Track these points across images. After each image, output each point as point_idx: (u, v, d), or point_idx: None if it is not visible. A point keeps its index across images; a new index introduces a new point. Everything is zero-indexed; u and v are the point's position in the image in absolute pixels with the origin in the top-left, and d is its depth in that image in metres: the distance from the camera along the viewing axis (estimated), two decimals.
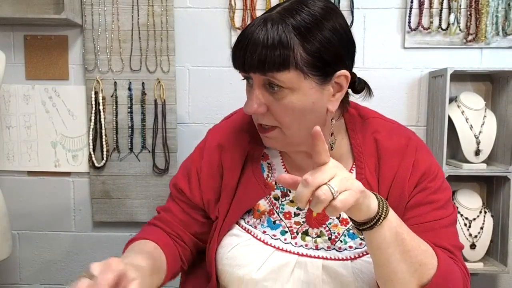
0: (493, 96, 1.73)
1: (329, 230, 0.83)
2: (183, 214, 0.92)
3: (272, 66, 0.71)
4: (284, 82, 0.72)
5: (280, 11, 0.73)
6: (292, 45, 0.70)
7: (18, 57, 1.75)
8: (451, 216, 0.82)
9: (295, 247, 0.83)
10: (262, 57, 0.71)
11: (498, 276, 1.82)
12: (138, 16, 1.70)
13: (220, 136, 0.91)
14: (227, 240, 0.85)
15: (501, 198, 1.68)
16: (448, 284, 0.74)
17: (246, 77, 0.79)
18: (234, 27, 1.71)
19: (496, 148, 1.66)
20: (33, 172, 1.80)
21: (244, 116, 0.92)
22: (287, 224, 0.85)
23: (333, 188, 0.61)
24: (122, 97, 1.73)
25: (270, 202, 0.86)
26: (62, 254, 1.85)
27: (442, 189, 0.82)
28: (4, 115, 1.78)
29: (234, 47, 0.76)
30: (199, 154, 0.92)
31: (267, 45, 0.70)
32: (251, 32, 0.72)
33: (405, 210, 0.81)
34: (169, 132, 1.74)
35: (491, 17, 1.67)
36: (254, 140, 0.88)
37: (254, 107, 0.76)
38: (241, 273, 0.81)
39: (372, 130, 0.86)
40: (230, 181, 0.88)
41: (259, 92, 0.76)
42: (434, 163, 0.84)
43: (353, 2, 1.69)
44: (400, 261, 0.70)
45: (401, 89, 1.74)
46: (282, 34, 0.70)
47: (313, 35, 0.71)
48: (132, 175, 1.76)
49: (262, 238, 0.84)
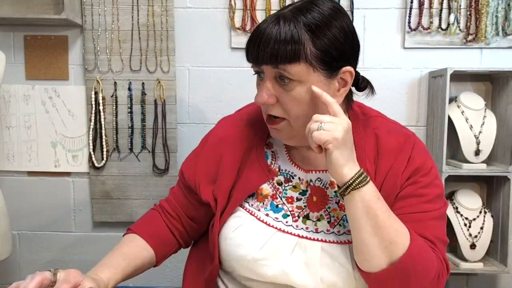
0: (493, 96, 1.73)
1: (328, 214, 0.88)
2: (183, 197, 0.99)
3: (284, 59, 0.77)
4: (294, 75, 0.78)
5: (292, 10, 0.80)
6: (303, 40, 0.77)
7: (18, 57, 1.75)
8: (439, 210, 0.86)
9: (296, 230, 0.87)
10: (275, 51, 0.77)
11: (498, 276, 1.82)
12: (138, 16, 1.70)
13: (228, 125, 0.98)
14: (231, 222, 0.89)
15: (501, 198, 1.68)
16: (416, 265, 0.77)
17: (257, 72, 0.84)
18: (234, 27, 1.71)
19: (496, 148, 1.66)
20: (33, 172, 1.80)
21: (253, 109, 0.99)
22: (289, 208, 0.89)
23: (321, 125, 0.75)
24: (122, 97, 1.73)
25: (274, 187, 0.91)
26: (62, 254, 1.85)
27: (433, 185, 0.86)
28: (4, 115, 1.78)
29: (248, 42, 0.82)
30: (204, 141, 1.00)
31: (279, 40, 0.77)
32: (265, 28, 0.79)
33: (395, 200, 0.85)
34: (169, 132, 1.74)
35: (491, 17, 1.67)
36: (260, 130, 0.94)
37: (264, 97, 0.81)
38: (243, 252, 0.85)
39: (374, 127, 0.91)
40: (231, 167, 0.92)
41: (270, 84, 0.81)
42: (429, 161, 0.88)
43: (353, 2, 1.69)
44: (371, 234, 0.77)
45: (401, 89, 1.74)
46: (294, 30, 0.76)
47: (322, 32, 0.78)
48: (132, 175, 1.76)
49: (265, 220, 0.88)
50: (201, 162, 0.96)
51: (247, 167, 0.92)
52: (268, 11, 1.68)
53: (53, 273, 0.74)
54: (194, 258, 1.03)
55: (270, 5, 1.69)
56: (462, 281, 1.82)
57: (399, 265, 0.76)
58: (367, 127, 0.91)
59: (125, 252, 0.91)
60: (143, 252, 0.94)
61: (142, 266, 0.94)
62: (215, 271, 0.92)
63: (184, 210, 0.99)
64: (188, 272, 1.02)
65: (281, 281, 0.84)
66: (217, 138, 0.96)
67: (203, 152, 0.97)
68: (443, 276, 0.82)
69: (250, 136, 0.94)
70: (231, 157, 0.93)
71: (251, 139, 0.94)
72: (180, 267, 1.81)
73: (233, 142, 0.94)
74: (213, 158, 0.94)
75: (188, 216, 0.99)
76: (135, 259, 0.91)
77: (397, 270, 0.77)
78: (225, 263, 0.91)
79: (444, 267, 0.83)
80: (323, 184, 0.90)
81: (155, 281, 1.83)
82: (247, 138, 0.94)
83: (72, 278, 0.74)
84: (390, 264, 0.77)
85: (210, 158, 0.95)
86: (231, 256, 0.87)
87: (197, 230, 1.02)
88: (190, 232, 1.02)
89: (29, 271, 1.95)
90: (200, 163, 0.96)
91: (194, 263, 1.02)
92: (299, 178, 0.91)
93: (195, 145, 1.02)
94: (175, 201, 1.00)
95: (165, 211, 1.01)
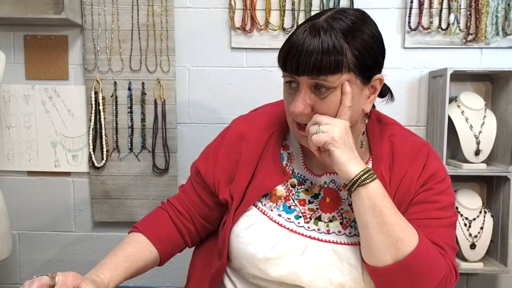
0: (493, 96, 1.73)
1: (341, 215, 0.89)
2: (196, 195, 0.98)
3: (327, 70, 0.77)
4: (334, 83, 0.78)
5: (326, 20, 0.79)
6: (344, 50, 0.77)
7: (18, 57, 1.75)
8: (450, 218, 0.87)
9: (308, 231, 0.88)
10: (318, 62, 0.76)
11: (498, 276, 1.82)
12: (138, 16, 1.70)
13: (245, 125, 0.97)
14: (243, 220, 0.89)
15: (501, 198, 1.68)
16: (423, 266, 0.78)
17: (289, 80, 0.83)
18: (234, 27, 1.70)
19: (496, 148, 1.66)
20: (33, 172, 1.80)
21: (270, 110, 0.99)
22: (301, 210, 0.90)
23: (319, 128, 0.79)
24: (122, 97, 1.73)
25: (287, 188, 0.92)
26: (62, 254, 1.85)
27: (447, 193, 0.87)
28: (4, 115, 1.78)
29: (285, 53, 0.81)
30: (220, 139, 0.99)
31: (322, 51, 0.76)
32: (304, 39, 0.78)
33: (409, 205, 0.86)
34: (169, 132, 1.74)
35: (491, 17, 1.67)
36: (277, 132, 0.95)
37: (300, 107, 0.81)
38: (255, 251, 0.85)
39: (389, 134, 0.93)
40: (247, 167, 0.92)
41: (305, 93, 0.81)
42: (442, 169, 0.90)
43: (353, 2, 1.69)
44: (377, 231, 0.78)
45: (401, 89, 1.74)
46: (335, 41, 0.77)
47: (358, 39, 0.79)
48: (132, 175, 1.76)
49: (277, 220, 0.88)
50: (220, 160, 0.95)
51: (263, 167, 0.92)
52: (268, 11, 1.68)
53: (51, 277, 0.73)
54: (201, 254, 1.03)
55: (270, 5, 1.69)
56: (462, 281, 1.82)
57: (405, 262, 0.77)
58: (383, 135, 0.92)
59: (128, 253, 0.90)
60: (147, 253, 0.93)
61: (145, 267, 0.93)
62: (223, 268, 0.92)
63: (197, 211, 0.98)
64: (194, 267, 1.02)
65: (290, 281, 0.85)
66: (236, 136, 0.95)
67: (222, 150, 0.96)
68: (451, 282, 0.83)
69: (267, 136, 0.94)
70: (249, 156, 0.93)
71: (268, 140, 0.94)
72: (181, 267, 1.81)
73: (251, 141, 0.94)
74: (233, 156, 0.94)
75: (202, 216, 0.99)
76: (138, 261, 0.91)
77: (403, 268, 0.77)
78: (234, 261, 0.91)
79: (452, 273, 0.83)
80: (337, 186, 0.91)
81: (155, 281, 1.83)
82: (264, 138, 0.94)
83: (70, 281, 0.74)
84: (396, 261, 0.77)
85: (230, 156, 0.94)
86: (242, 253, 0.88)
87: (209, 229, 1.01)
88: (201, 232, 1.01)
89: (29, 271, 1.96)
90: (220, 161, 0.95)
91: (201, 259, 1.02)
92: (311, 182, 0.92)
93: (195, 145, 1.01)
94: (187, 200, 0.99)
95: (176, 210, 0.99)
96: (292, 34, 0.81)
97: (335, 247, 0.85)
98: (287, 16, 1.70)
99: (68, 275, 0.75)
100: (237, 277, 0.93)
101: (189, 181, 1.02)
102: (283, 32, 1.70)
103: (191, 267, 1.03)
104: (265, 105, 1.04)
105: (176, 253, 1.01)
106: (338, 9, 0.83)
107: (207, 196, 0.97)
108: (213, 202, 0.97)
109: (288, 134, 0.97)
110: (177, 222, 0.98)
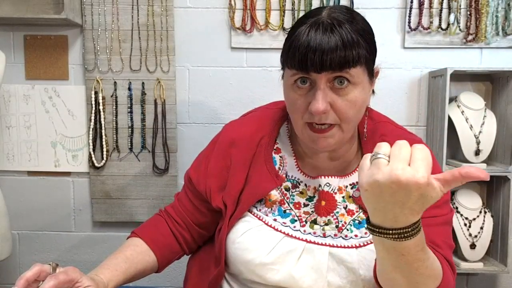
0: (493, 96, 1.72)
1: (336, 218, 0.88)
2: (189, 203, 0.99)
3: (351, 63, 0.76)
4: (354, 77, 0.78)
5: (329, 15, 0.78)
6: (360, 42, 0.77)
7: (18, 57, 1.75)
8: (446, 216, 0.86)
9: (304, 234, 0.87)
10: (342, 57, 0.75)
11: (498, 276, 1.82)
12: (138, 16, 1.70)
13: (235, 131, 0.96)
14: (239, 226, 0.89)
15: (501, 198, 1.68)
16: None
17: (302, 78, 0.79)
18: (234, 27, 1.70)
19: (496, 148, 1.66)
20: (33, 172, 1.80)
21: (260, 113, 0.98)
22: (297, 213, 0.89)
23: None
24: (122, 97, 1.73)
25: (281, 192, 0.91)
26: (62, 254, 1.85)
27: None
28: (4, 115, 1.78)
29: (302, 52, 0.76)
30: (211, 146, 0.99)
31: (344, 45, 0.75)
32: (320, 36, 0.75)
33: None
34: (169, 132, 1.74)
35: (491, 17, 1.67)
36: (268, 135, 0.94)
37: (324, 105, 0.77)
38: (251, 256, 0.85)
39: (381, 133, 0.90)
40: (239, 172, 0.92)
41: (325, 91, 0.78)
42: (437, 166, 0.87)
43: (353, 2, 1.69)
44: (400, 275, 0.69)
45: (401, 89, 1.74)
46: (353, 34, 0.76)
47: (366, 33, 0.79)
48: (132, 175, 1.76)
49: (273, 225, 0.88)
50: (211, 168, 0.94)
51: (256, 172, 0.91)
52: (268, 11, 1.68)
53: (52, 266, 0.75)
54: (197, 261, 1.02)
55: (270, 5, 1.68)
56: (462, 281, 1.82)
57: None
58: (375, 133, 0.90)
59: (128, 256, 0.91)
60: (146, 257, 0.94)
61: (144, 271, 0.94)
62: (221, 274, 0.92)
63: (191, 218, 0.99)
64: (190, 274, 1.01)
65: (288, 286, 0.84)
66: (226, 143, 0.95)
67: (213, 158, 0.95)
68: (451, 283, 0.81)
69: (257, 140, 0.93)
70: (240, 161, 0.92)
71: (258, 144, 0.93)
72: (180, 267, 1.81)
73: (242, 147, 0.93)
74: (223, 163, 0.94)
75: (196, 223, 0.99)
76: (137, 263, 0.91)
77: None
78: (231, 267, 0.91)
79: (452, 274, 0.82)
80: (332, 189, 0.89)
81: (155, 281, 1.83)
82: (255, 142, 0.93)
83: (71, 271, 0.75)
84: None
85: (221, 164, 0.94)
86: (238, 260, 0.87)
87: (206, 236, 1.01)
88: (198, 240, 1.01)
89: None
90: (211, 169, 0.94)
91: (197, 266, 1.01)
92: (305, 184, 0.91)
93: (195, 145, 1.02)
94: (181, 209, 0.99)
95: (172, 218, 1.00)
96: (298, 34, 0.77)
97: (332, 250, 0.85)
98: (287, 16, 1.70)
99: (69, 268, 0.76)
100: (236, 283, 0.93)
101: (183, 189, 1.02)
102: (283, 32, 1.70)
103: (188, 272, 1.03)
104: (255, 109, 1.03)
105: (174, 259, 1.01)
106: (330, 6, 0.81)
107: (201, 203, 0.97)
108: (207, 209, 0.97)
109: (279, 137, 0.95)
110: (173, 230, 0.99)
